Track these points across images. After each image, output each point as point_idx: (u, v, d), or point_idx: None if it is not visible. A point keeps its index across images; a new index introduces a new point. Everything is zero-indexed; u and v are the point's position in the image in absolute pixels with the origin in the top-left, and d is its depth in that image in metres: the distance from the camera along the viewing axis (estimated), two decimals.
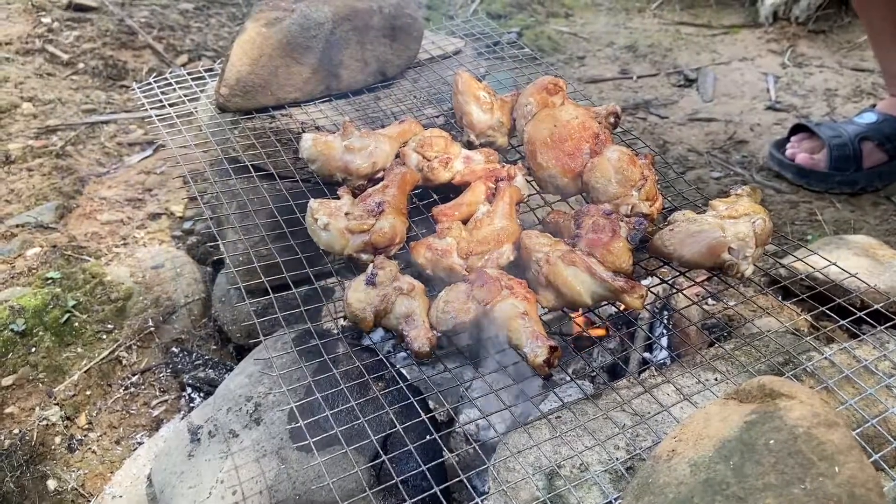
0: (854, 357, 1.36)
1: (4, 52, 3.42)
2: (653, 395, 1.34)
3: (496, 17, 4.12)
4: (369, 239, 1.50)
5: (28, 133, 2.97)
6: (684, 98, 3.57)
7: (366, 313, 1.41)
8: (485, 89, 1.81)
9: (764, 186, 2.95)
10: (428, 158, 1.70)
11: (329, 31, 1.93)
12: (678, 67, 3.78)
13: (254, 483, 1.65)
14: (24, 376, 2.11)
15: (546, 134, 1.72)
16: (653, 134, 3.29)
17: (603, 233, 1.50)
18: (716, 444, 1.05)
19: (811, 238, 2.69)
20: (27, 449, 1.99)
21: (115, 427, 2.08)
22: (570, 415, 1.34)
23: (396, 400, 1.56)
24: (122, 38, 3.64)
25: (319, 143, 1.69)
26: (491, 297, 1.37)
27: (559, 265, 1.44)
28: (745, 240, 1.45)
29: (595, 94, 3.57)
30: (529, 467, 1.25)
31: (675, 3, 4.33)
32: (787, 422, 1.01)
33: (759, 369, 1.40)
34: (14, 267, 2.42)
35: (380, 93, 2.06)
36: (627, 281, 1.40)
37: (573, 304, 1.46)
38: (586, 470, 1.23)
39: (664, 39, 3.99)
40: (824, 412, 1.02)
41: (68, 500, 1.95)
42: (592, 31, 4.08)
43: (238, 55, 1.85)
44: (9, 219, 2.60)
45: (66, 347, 2.19)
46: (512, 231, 1.54)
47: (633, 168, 1.63)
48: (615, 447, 1.27)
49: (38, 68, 3.37)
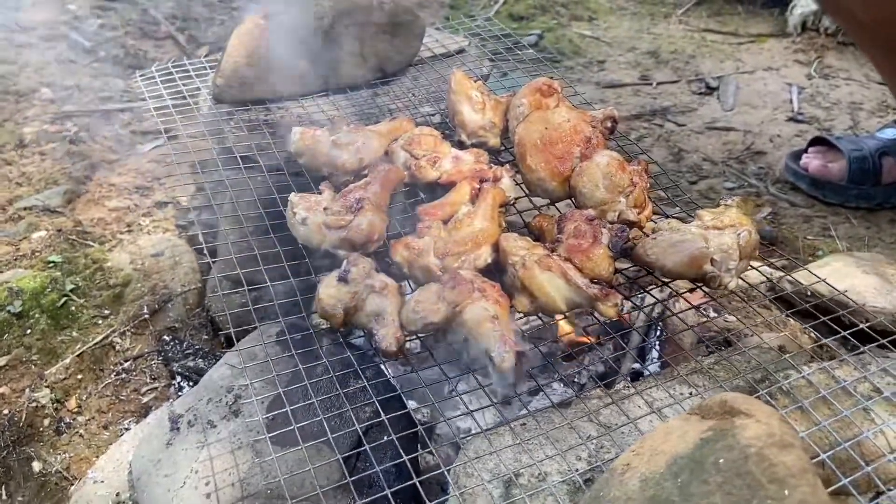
0: (833, 377, 1.32)
1: (28, 37, 3.48)
2: (620, 406, 1.31)
3: (518, 18, 4.10)
4: (346, 235, 1.49)
5: (44, 118, 3.01)
6: (704, 106, 3.51)
7: (336, 310, 1.40)
8: (478, 89, 1.79)
9: (778, 199, 2.89)
10: (416, 156, 1.68)
11: (328, 25, 1.93)
12: (700, 75, 3.71)
13: (227, 475, 1.64)
14: (17, 357, 2.14)
15: (536, 136, 1.69)
16: (668, 141, 3.24)
17: (584, 239, 1.47)
18: (668, 461, 1.02)
19: (822, 254, 2.63)
20: (15, 430, 2.01)
21: (104, 412, 2.09)
22: (535, 423, 1.31)
23: (371, 398, 1.55)
24: (145, 27, 3.68)
25: (307, 136, 1.68)
26: (461, 299, 1.35)
27: (535, 270, 1.41)
28: (728, 251, 1.41)
29: (612, 98, 3.53)
30: (488, 474, 1.23)
31: (703, 10, 4.27)
32: (740, 441, 0.97)
33: (735, 385, 1.37)
34: (18, 249, 2.46)
35: (378, 89, 2.05)
36: (602, 289, 1.37)
37: (548, 310, 1.43)
38: (544, 480, 1.20)
39: (688, 46, 3.93)
40: (780, 433, 0.98)
41: (52, 482, 1.96)
42: (615, 36, 4.03)
43: (235, 46, 1.85)
44: (18, 201, 2.64)
45: (61, 331, 2.21)
46: (491, 233, 1.51)
47: (621, 174, 1.60)
48: (577, 458, 1.24)
49: (60, 54, 3.42)
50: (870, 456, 1.21)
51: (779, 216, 2.81)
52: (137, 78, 2.00)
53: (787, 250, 2.67)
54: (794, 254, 2.67)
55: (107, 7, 3.75)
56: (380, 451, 1.49)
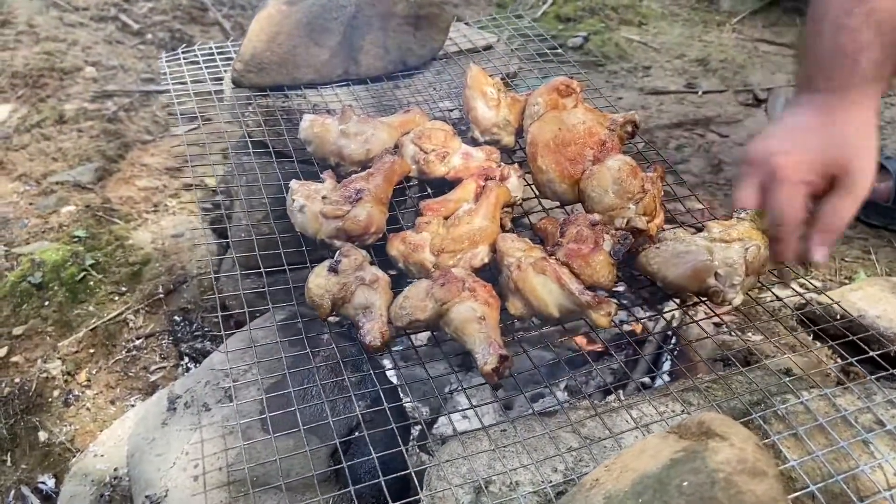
0: (834, 405, 1.24)
1: (80, 17, 3.55)
2: (605, 419, 1.26)
3: (566, 20, 4.04)
4: (342, 225, 1.46)
5: (86, 96, 3.08)
6: (750, 118, 3.40)
7: (323, 300, 1.37)
8: (493, 85, 1.75)
9: None
10: (425, 151, 1.65)
11: (351, 14, 1.91)
12: (749, 86, 3.60)
13: (215, 459, 1.64)
14: (33, 328, 2.18)
15: (549, 136, 1.64)
16: (708, 152, 3.15)
17: (584, 244, 1.42)
18: (634, 479, 0.97)
19: (857, 277, 2.52)
20: (24, 399, 2.05)
21: (112, 387, 2.11)
22: (514, 430, 1.27)
23: (368, 392, 1.53)
24: (194, 12, 3.73)
25: (317, 124, 1.67)
26: (449, 298, 1.32)
27: (529, 272, 1.37)
28: (733, 266, 1.35)
29: (654, 105, 3.45)
30: (459, 478, 1.19)
31: (758, 20, 4.14)
32: (709, 464, 0.92)
33: (731, 406, 1.30)
34: (47, 222, 2.51)
35: (400, 82, 2.02)
36: (595, 296, 1.32)
37: (540, 315, 1.38)
38: (515, 489, 1.16)
39: (739, 56, 3.82)
40: (753, 459, 0.93)
41: (56, 452, 1.99)
42: (664, 42, 3.94)
43: (255, 31, 1.85)
44: (52, 175, 2.70)
45: (78, 304, 2.25)
46: (490, 232, 1.48)
47: (632, 180, 1.54)
48: (553, 469, 1.20)
49: (108, 35, 3.49)
50: (865, 492, 1.14)
51: None
52: (163, 60, 2.01)
53: (821, 271, 2.57)
54: (831, 275, 2.57)
55: None
56: (363, 446, 1.47)
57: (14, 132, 2.86)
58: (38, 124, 2.87)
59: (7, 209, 2.57)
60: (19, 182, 2.67)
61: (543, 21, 4.03)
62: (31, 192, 2.63)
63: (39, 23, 3.39)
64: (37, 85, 3.06)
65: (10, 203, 2.59)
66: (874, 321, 2.12)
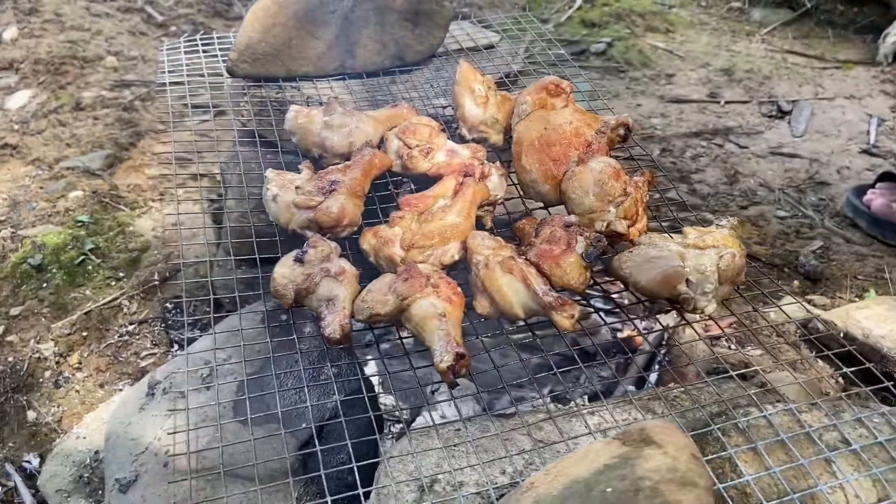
0: (798, 421, 1.20)
1: (107, 7, 3.61)
2: (557, 423, 1.23)
3: (590, 25, 3.99)
4: (314, 216, 1.46)
5: (104, 84, 3.12)
6: (772, 130, 3.33)
7: (287, 290, 1.37)
8: (482, 82, 1.73)
9: (833, 233, 2.70)
10: (409, 146, 1.64)
11: (349, 7, 1.91)
12: (773, 97, 3.52)
13: (185, 446, 1.64)
14: (30, 309, 2.21)
15: (534, 136, 1.62)
16: (725, 163, 3.08)
17: (557, 245, 1.39)
18: (566, 484, 0.95)
19: (869, 295, 2.44)
20: (16, 378, 2.08)
21: (103, 371, 2.13)
22: (470, 430, 1.25)
23: (345, 387, 1.52)
24: (218, 6, 3.77)
25: (301, 115, 1.66)
26: (411, 293, 1.30)
27: (496, 271, 1.34)
28: (705, 273, 1.31)
29: (674, 113, 3.39)
30: (406, 476, 1.17)
31: (789, 31, 4.06)
32: (637, 472, 0.89)
33: (694, 416, 1.26)
34: (55, 206, 2.55)
35: (397, 77, 2.01)
36: (558, 298, 1.29)
37: (506, 314, 1.36)
38: (458, 489, 1.14)
39: (766, 66, 3.74)
40: (685, 469, 0.89)
41: (42, 433, 2.01)
42: (690, 50, 3.87)
43: (250, 21, 1.85)
44: (64, 161, 2.74)
45: (75, 288, 2.27)
46: (463, 229, 1.46)
47: (614, 182, 1.51)
48: (501, 472, 1.17)
49: (133, 26, 3.54)
50: None
51: (830, 251, 2.62)
52: (163, 48, 2.03)
53: (831, 288, 2.50)
54: (840, 292, 2.49)
55: None
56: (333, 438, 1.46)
57: (32, 117, 2.91)
58: (55, 110, 2.92)
59: (18, 192, 2.61)
60: (32, 166, 2.72)
61: (568, 25, 4.00)
62: (43, 176, 2.68)
63: (66, 12, 3.46)
64: (58, 72, 3.12)
65: (22, 186, 2.63)
66: (878, 341, 2.06)
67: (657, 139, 3.22)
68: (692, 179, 2.98)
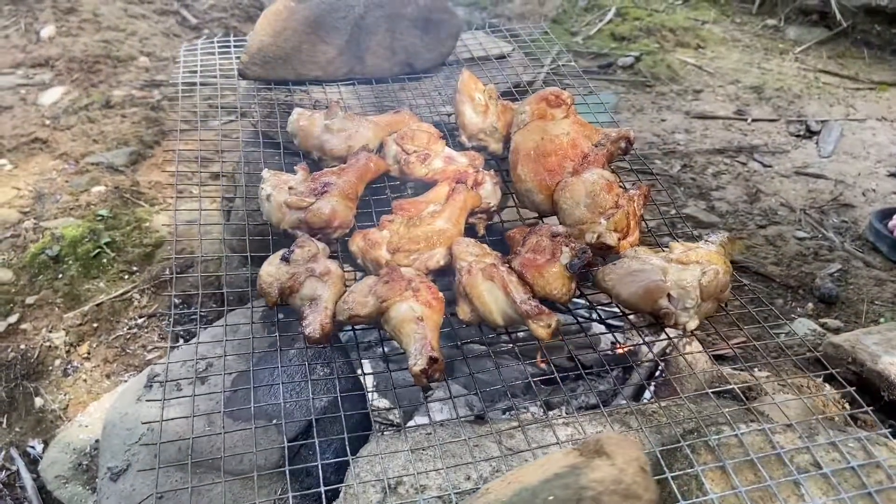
0: (770, 442, 1.18)
1: (143, 9, 3.71)
2: (526, 432, 1.23)
3: (620, 38, 3.98)
4: (304, 217, 1.48)
5: (135, 83, 3.20)
6: (798, 149, 3.28)
7: (272, 288, 1.39)
8: (483, 91, 1.74)
9: (853, 257, 2.65)
10: (407, 151, 1.65)
11: (359, 14, 1.93)
12: (803, 116, 3.47)
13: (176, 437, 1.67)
14: (44, 298, 2.27)
15: (531, 146, 1.62)
16: (748, 181, 3.04)
17: (541, 254, 1.39)
18: (515, 491, 0.95)
19: (884, 321, 2.38)
20: (26, 365, 2.14)
21: (110, 362, 2.18)
22: (441, 434, 1.25)
23: (335, 387, 1.54)
24: (251, 11, 3.84)
25: (303, 118, 1.69)
26: (390, 296, 1.31)
27: (478, 278, 1.35)
28: (686, 289, 1.30)
29: (699, 129, 3.36)
30: (373, 476, 1.18)
31: (824, 51, 3.99)
32: (581, 481, 0.89)
33: (669, 432, 1.25)
34: (77, 200, 2.62)
35: (406, 84, 2.03)
36: (537, 307, 1.29)
37: (486, 321, 1.36)
38: (421, 492, 1.14)
39: (797, 85, 3.68)
40: (630, 482, 0.89)
41: (48, 419, 2.07)
42: (720, 67, 3.83)
43: (262, 25, 1.89)
44: (90, 156, 2.82)
45: (90, 280, 2.33)
46: (450, 235, 1.46)
47: (605, 195, 1.50)
48: (466, 477, 1.17)
49: (167, 28, 3.63)
50: None
51: (848, 275, 2.57)
52: (182, 49, 2.08)
53: (846, 312, 2.45)
54: (856, 317, 2.44)
55: None
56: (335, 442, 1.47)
57: (63, 113, 3.00)
58: (85, 107, 3.00)
59: (44, 185, 2.69)
60: (60, 160, 2.80)
61: (597, 38, 3.99)
62: (69, 170, 2.75)
63: (104, 12, 3.55)
64: (91, 70, 3.20)
65: (48, 179, 2.71)
66: (886, 367, 2.02)
67: (679, 155, 3.19)
68: (712, 196, 2.95)
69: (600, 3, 4.27)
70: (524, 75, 2.15)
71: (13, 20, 3.45)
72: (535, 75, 2.19)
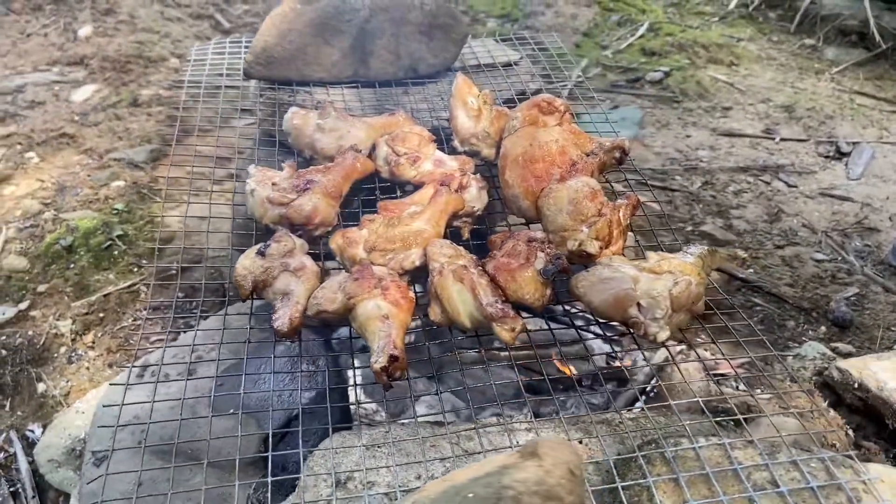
0: (729, 457, 1.15)
1: (180, 12, 3.80)
2: (480, 434, 1.22)
3: (650, 53, 3.94)
4: (285, 213, 1.49)
5: (163, 83, 3.28)
6: (826, 171, 3.20)
7: (246, 280, 1.40)
8: (476, 96, 1.74)
9: (872, 281, 2.57)
10: (397, 153, 1.66)
11: (365, 18, 1.95)
12: (833, 137, 3.39)
13: (159, 427, 1.69)
14: (55, 287, 2.33)
15: (519, 151, 1.61)
16: (770, 200, 2.98)
17: (515, 259, 1.39)
18: (445, 489, 0.94)
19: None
20: (32, 351, 2.20)
21: (113, 352, 2.22)
22: (397, 433, 1.25)
23: (317, 384, 1.56)
24: None
25: (297, 117, 1.71)
26: (358, 293, 1.31)
27: (448, 279, 1.35)
28: (656, 298, 1.27)
29: (724, 147, 3.30)
30: (325, 471, 1.19)
31: (861, 72, 3.89)
32: (503, 480, 0.87)
33: (629, 443, 1.23)
34: (97, 194, 2.69)
35: (410, 88, 2.04)
36: (502, 310, 1.28)
37: (454, 323, 1.36)
38: (369, 488, 1.14)
39: (830, 105, 3.60)
40: (553, 484, 0.87)
41: (49, 404, 2.12)
42: (752, 85, 3.77)
43: (267, 25, 1.92)
44: (113, 152, 2.89)
45: (100, 271, 2.39)
46: (427, 237, 1.46)
47: (588, 202, 1.49)
48: (416, 476, 1.17)
49: (200, 31, 3.71)
50: None
51: (865, 300, 2.50)
52: (193, 49, 2.12)
53: (860, 337, 2.38)
54: (870, 342, 2.37)
55: None
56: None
57: (92, 110, 3.08)
58: (114, 105, 3.08)
59: (67, 178, 2.76)
60: (84, 155, 2.87)
61: (627, 53, 3.96)
62: (92, 165, 2.82)
63: (140, 14, 3.65)
64: (123, 70, 3.29)
65: (71, 173, 2.79)
66: (892, 394, 1.96)
67: (701, 171, 3.14)
68: (731, 214, 2.90)
69: (634, 18, 4.24)
70: (531, 83, 2.15)
71: (53, 20, 3.56)
72: (541, 85, 2.18)
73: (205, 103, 2.01)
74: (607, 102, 3.51)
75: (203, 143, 1.98)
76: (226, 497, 1.50)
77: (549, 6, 4.12)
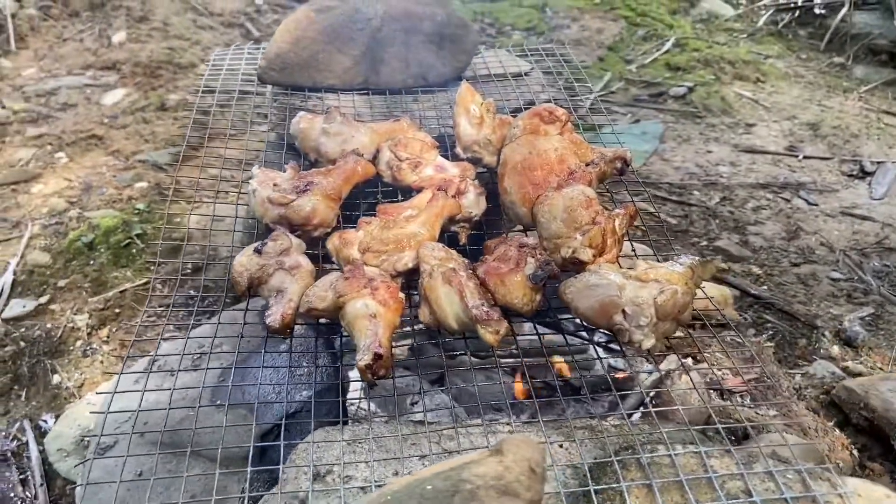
0: (704, 465, 1.15)
1: (212, 21, 3.89)
2: (459, 433, 1.24)
3: (675, 69, 3.93)
4: (285, 213, 1.53)
5: (191, 89, 3.36)
6: (848, 189, 3.16)
7: (242, 277, 1.44)
8: (480, 104, 1.76)
9: (889, 302, 2.54)
10: (399, 158, 1.69)
11: (376, 27, 1.99)
12: (858, 156, 3.35)
13: (160, 421, 1.73)
14: (74, 282, 2.40)
15: (518, 159, 1.63)
16: (789, 218, 2.96)
17: (505, 263, 1.41)
18: (408, 483, 0.96)
19: None
20: (49, 343, 2.26)
21: (127, 346, 2.28)
22: (380, 429, 1.27)
23: (316, 382, 1.58)
24: None
25: (304, 121, 1.75)
26: (348, 292, 1.34)
27: (437, 281, 1.37)
28: (640, 306, 1.28)
29: (745, 163, 3.28)
30: (306, 463, 1.21)
31: (890, 91, 3.84)
32: (462, 474, 0.89)
33: (610, 449, 1.24)
34: (121, 194, 2.76)
35: (419, 96, 2.08)
36: (487, 312, 1.29)
37: (442, 325, 1.38)
38: (346, 482, 1.17)
39: (856, 124, 3.56)
40: (513, 479, 0.89)
41: (62, 396, 2.18)
42: (777, 101, 3.74)
43: (281, 32, 1.97)
44: (138, 154, 2.97)
45: (119, 268, 2.45)
46: (421, 240, 1.49)
47: (583, 210, 1.50)
48: (394, 472, 1.19)
49: (230, 39, 3.79)
50: None
51: (880, 320, 2.47)
52: (212, 55, 2.18)
53: (871, 357, 2.35)
54: (882, 364, 2.34)
55: (287, 6, 4.09)
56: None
57: (121, 113, 3.17)
58: (142, 108, 3.17)
59: (93, 178, 2.85)
60: (111, 156, 2.96)
61: (652, 67, 3.95)
62: (118, 166, 2.91)
63: (173, 22, 3.75)
64: (153, 75, 3.38)
65: (98, 173, 2.87)
66: None
67: (720, 187, 3.13)
68: (748, 231, 2.88)
69: (660, 33, 4.24)
70: (541, 94, 2.16)
71: (89, 25, 3.68)
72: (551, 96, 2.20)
73: (225, 108, 2.05)
74: (629, 116, 3.52)
75: (222, 147, 2.03)
76: (220, 489, 1.54)
77: (574, 20, 4.14)
